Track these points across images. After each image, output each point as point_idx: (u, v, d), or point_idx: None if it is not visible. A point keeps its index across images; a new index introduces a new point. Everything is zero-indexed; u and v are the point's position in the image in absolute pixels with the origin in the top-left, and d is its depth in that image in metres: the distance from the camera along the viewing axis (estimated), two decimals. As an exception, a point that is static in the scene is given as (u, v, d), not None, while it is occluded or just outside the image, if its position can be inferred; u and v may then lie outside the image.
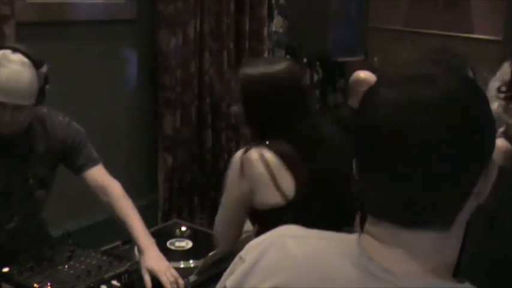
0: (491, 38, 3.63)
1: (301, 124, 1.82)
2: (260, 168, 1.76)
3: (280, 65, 1.84)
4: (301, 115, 1.83)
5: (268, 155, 1.76)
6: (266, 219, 1.79)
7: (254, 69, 1.86)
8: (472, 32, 3.73)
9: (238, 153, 1.81)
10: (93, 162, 2.10)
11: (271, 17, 3.84)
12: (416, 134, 0.74)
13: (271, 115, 1.83)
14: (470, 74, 1.06)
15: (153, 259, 1.91)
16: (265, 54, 3.69)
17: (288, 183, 1.77)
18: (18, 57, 1.85)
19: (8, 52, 1.84)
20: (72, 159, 2.09)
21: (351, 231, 1.22)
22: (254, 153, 1.77)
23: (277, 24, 3.93)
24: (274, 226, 0.95)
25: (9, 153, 1.98)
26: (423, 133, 0.74)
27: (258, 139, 1.85)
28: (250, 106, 1.86)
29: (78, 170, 2.10)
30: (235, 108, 1.91)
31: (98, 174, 2.10)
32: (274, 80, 1.82)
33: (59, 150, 2.07)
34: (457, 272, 0.82)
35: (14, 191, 2.01)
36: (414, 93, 0.75)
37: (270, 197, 1.78)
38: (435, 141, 0.74)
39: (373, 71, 3.77)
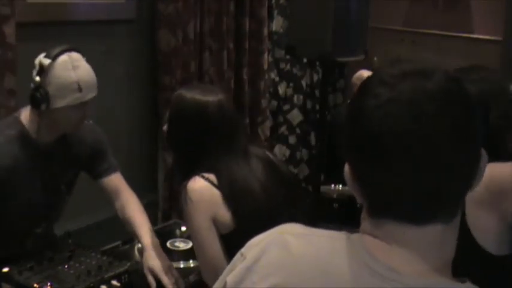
0: (491, 38, 3.62)
1: (220, 161, 1.79)
2: (210, 190, 1.76)
3: (214, 97, 1.83)
4: (222, 152, 1.80)
5: (208, 176, 1.76)
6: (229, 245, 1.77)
7: (188, 92, 1.85)
8: (472, 32, 3.73)
9: (183, 194, 1.77)
10: (114, 169, 2.14)
11: (271, 17, 3.84)
12: (423, 128, 0.75)
13: (190, 143, 1.82)
14: None
15: (155, 258, 1.91)
16: (265, 54, 3.69)
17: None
18: (76, 54, 1.92)
19: (68, 54, 1.89)
20: (95, 163, 2.11)
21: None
22: (197, 182, 1.76)
23: (277, 24, 3.92)
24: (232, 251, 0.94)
25: (48, 163, 1.99)
26: (430, 126, 0.75)
27: (180, 167, 1.86)
28: (173, 127, 1.87)
29: (100, 174, 2.11)
30: (165, 127, 1.92)
31: (118, 181, 2.13)
32: (202, 109, 1.81)
33: (87, 154, 2.09)
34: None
35: (50, 198, 2.01)
36: (414, 88, 0.76)
37: (227, 217, 1.77)
38: (444, 133, 0.75)
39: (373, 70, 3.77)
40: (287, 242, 0.87)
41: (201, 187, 1.76)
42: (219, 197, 1.76)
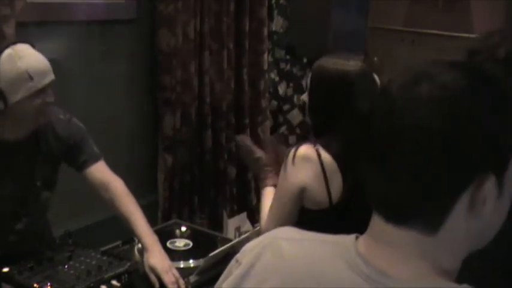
0: (491, 38, 3.62)
1: (356, 128, 1.81)
2: (315, 166, 1.76)
3: (356, 66, 1.83)
4: (349, 128, 1.81)
5: (325, 154, 1.76)
6: (309, 220, 1.80)
7: (330, 63, 1.86)
8: (472, 32, 3.73)
9: (293, 149, 1.81)
10: (95, 159, 2.10)
11: (271, 17, 3.83)
12: (409, 129, 0.74)
13: (332, 112, 1.82)
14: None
15: (156, 257, 1.92)
16: (265, 54, 3.69)
17: (336, 186, 1.77)
18: (22, 45, 1.88)
19: (12, 47, 1.85)
20: (74, 156, 2.09)
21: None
22: (311, 150, 1.77)
23: (277, 24, 3.92)
24: (314, 228, 0.94)
25: (17, 157, 1.98)
26: (415, 130, 0.74)
27: (316, 132, 1.88)
28: (316, 97, 1.87)
29: (80, 166, 2.10)
30: (304, 96, 1.94)
31: (100, 171, 2.10)
32: (346, 79, 1.81)
33: (62, 149, 2.07)
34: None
35: (22, 194, 2.01)
36: (410, 91, 0.76)
37: (318, 196, 1.78)
38: (424, 137, 0.73)
39: (373, 71, 3.77)
40: (280, 247, 0.87)
41: (309, 157, 1.77)
42: (319, 176, 1.76)
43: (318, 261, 0.83)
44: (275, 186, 1.97)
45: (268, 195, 2.01)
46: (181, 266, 2.04)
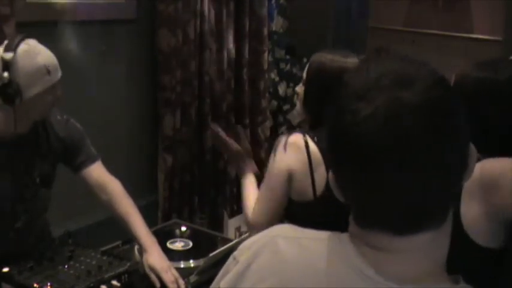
0: (491, 38, 3.63)
1: None
2: (302, 153, 1.79)
3: (354, 64, 1.83)
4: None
5: (313, 145, 1.79)
6: (294, 213, 1.82)
7: (327, 56, 1.88)
8: (471, 32, 3.73)
9: (284, 137, 1.85)
10: (92, 160, 2.11)
11: (271, 17, 3.83)
12: (403, 143, 0.72)
13: (323, 104, 1.83)
14: None
15: (155, 258, 1.92)
16: (265, 54, 3.69)
17: (320, 177, 1.78)
18: (32, 40, 1.91)
19: (26, 43, 1.87)
20: (71, 157, 2.10)
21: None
22: (300, 139, 1.81)
23: (277, 24, 3.92)
24: (300, 221, 0.94)
25: (16, 154, 1.98)
26: (409, 141, 0.72)
27: (310, 125, 1.90)
28: (312, 90, 1.89)
29: (77, 167, 2.10)
30: (298, 88, 1.96)
31: (97, 172, 2.11)
32: (343, 73, 1.81)
33: (59, 149, 2.07)
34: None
35: (22, 190, 2.01)
36: (391, 101, 0.73)
37: (303, 188, 1.80)
38: (422, 143, 0.72)
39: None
40: (278, 246, 0.87)
41: (298, 144, 1.80)
42: (305, 164, 1.78)
43: (316, 261, 0.83)
44: (255, 174, 2.02)
45: (249, 185, 2.03)
46: (181, 266, 2.04)
